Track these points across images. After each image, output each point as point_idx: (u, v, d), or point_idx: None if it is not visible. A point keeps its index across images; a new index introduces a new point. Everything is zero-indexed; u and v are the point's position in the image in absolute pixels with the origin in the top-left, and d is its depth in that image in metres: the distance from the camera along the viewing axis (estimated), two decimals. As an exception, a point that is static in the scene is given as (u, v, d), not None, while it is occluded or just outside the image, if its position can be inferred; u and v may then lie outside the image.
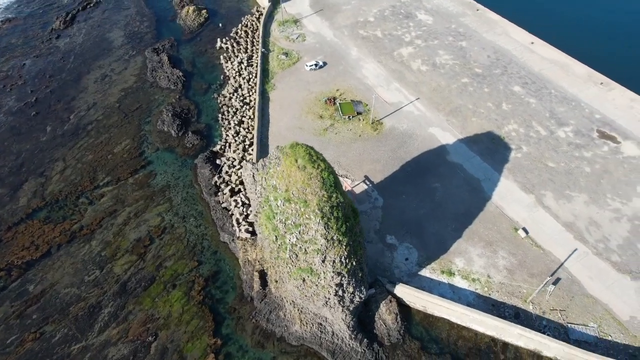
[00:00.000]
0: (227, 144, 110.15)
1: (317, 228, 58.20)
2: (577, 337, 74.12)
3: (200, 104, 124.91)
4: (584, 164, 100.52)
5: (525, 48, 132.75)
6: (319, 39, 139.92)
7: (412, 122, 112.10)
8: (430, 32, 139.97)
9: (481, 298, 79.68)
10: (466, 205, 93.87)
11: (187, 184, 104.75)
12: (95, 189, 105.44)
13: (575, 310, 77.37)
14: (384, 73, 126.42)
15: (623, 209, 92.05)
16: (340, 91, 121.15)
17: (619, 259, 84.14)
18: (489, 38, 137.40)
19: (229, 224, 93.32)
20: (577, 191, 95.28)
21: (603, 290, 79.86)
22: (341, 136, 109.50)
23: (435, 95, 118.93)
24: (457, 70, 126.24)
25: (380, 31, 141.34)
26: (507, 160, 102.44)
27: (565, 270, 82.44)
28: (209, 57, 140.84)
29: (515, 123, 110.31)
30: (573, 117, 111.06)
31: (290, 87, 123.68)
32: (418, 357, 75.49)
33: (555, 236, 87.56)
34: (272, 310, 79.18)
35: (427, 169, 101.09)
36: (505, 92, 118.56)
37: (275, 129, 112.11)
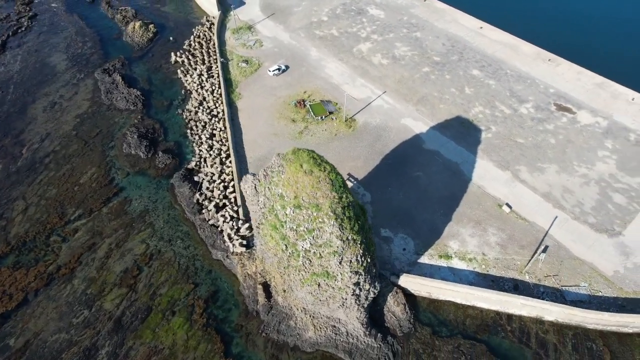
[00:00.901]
0: (202, 160, 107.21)
1: (331, 230, 58.29)
2: (573, 297, 79.19)
3: (165, 121, 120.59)
4: (549, 136, 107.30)
5: (475, 33, 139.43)
6: (276, 43, 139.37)
7: (383, 116, 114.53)
8: (384, 26, 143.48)
9: (480, 276, 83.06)
10: (450, 189, 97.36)
11: (166, 205, 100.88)
12: (67, 224, 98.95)
13: (566, 274, 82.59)
14: (347, 70, 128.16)
15: (589, 173, 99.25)
16: (307, 93, 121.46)
17: (595, 220, 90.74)
18: (440, 26, 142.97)
19: (220, 240, 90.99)
20: (547, 162, 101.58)
21: (586, 251, 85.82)
22: (317, 137, 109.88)
23: (400, 87, 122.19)
24: (417, 60, 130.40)
25: (335, 30, 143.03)
26: (479, 141, 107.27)
27: (551, 238, 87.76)
28: (165, 72, 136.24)
29: (480, 105, 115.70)
30: (531, 94, 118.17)
31: (257, 94, 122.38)
32: (432, 343, 77.49)
33: (536, 207, 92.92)
34: (281, 320, 78.20)
35: (406, 159, 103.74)
36: (466, 77, 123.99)
37: (250, 138, 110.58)
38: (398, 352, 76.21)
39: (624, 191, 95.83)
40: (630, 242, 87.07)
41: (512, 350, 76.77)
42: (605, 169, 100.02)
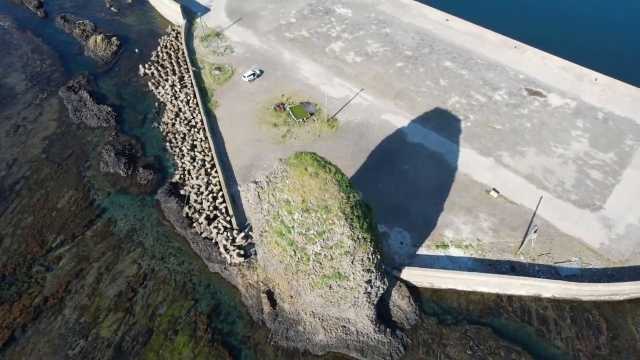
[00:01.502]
0: (186, 172, 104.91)
1: (342, 231, 58.49)
2: (567, 273, 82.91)
3: (141, 136, 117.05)
4: (524, 120, 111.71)
5: (442, 25, 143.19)
6: (247, 48, 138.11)
7: (364, 113, 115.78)
8: (353, 24, 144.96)
9: (478, 261, 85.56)
10: (438, 179, 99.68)
11: (154, 222, 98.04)
12: (49, 252, 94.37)
13: (557, 251, 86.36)
14: (323, 71, 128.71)
15: (566, 153, 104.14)
16: (285, 96, 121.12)
17: (577, 197, 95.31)
18: (408, 21, 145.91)
19: (216, 252, 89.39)
20: (526, 146, 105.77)
21: (573, 227, 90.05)
22: (301, 140, 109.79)
23: (377, 83, 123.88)
24: (390, 56, 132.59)
25: (305, 31, 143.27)
26: (460, 130, 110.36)
27: (539, 218, 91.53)
28: (135, 86, 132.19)
29: (456, 95, 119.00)
30: (502, 81, 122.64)
31: (234, 101, 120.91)
32: (439, 332, 79.15)
33: (522, 189, 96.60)
34: (289, 327, 77.75)
35: (392, 154, 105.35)
36: (439, 69, 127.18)
37: (233, 146, 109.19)
38: (408, 345, 77.40)
39: (599, 167, 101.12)
40: (611, 215, 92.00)
41: (516, 329, 79.57)
42: (580, 147, 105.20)
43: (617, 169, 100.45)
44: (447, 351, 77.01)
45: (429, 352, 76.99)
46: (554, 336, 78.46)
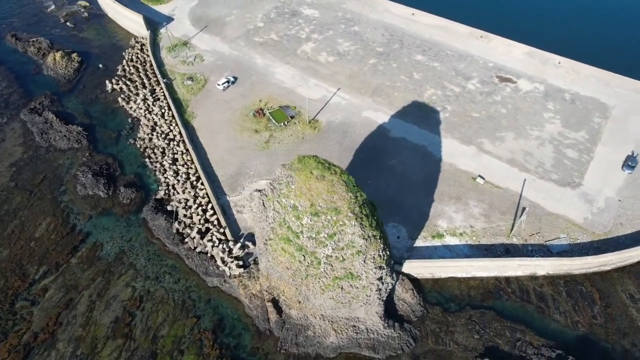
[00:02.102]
0: (170, 187, 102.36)
1: (353, 231, 58.83)
2: (558, 249, 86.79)
3: (117, 154, 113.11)
4: (499, 107, 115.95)
5: (409, 20, 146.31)
6: (217, 55, 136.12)
7: (344, 112, 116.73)
8: (322, 25, 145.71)
9: (474, 247, 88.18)
10: (424, 171, 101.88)
11: (143, 242, 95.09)
12: (32, 285, 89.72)
13: (546, 229, 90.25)
14: (297, 73, 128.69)
15: (542, 135, 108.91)
16: (263, 101, 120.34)
17: (557, 176, 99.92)
18: (375, 18, 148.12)
19: (213, 266, 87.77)
20: (504, 131, 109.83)
21: (557, 205, 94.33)
22: (285, 144, 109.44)
23: (353, 82, 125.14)
24: (362, 53, 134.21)
25: (274, 34, 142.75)
26: (439, 121, 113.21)
27: (526, 199, 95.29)
28: (104, 102, 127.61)
29: (432, 87, 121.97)
30: (474, 70, 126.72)
31: (211, 110, 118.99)
32: (445, 320, 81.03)
33: (505, 174, 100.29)
34: (298, 333, 77.46)
35: (377, 150, 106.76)
36: (411, 63, 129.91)
37: (216, 156, 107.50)
38: (417, 337, 78.79)
39: (573, 146, 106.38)
40: (590, 190, 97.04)
41: (517, 309, 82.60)
42: (554, 128, 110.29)
43: (589, 146, 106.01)
44: (455, 338, 78.96)
45: (438, 342, 78.68)
46: (553, 311, 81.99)
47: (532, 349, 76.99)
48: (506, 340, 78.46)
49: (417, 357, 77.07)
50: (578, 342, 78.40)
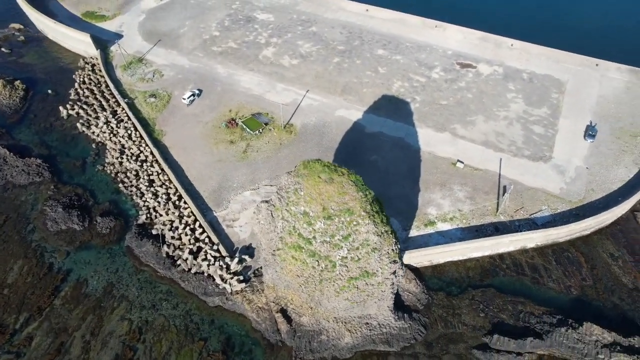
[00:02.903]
0: (151, 210, 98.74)
1: (367, 229, 59.53)
2: (542, 221, 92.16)
3: (86, 183, 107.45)
4: (465, 92, 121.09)
5: (364, 16, 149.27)
6: (177, 69, 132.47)
7: (317, 113, 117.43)
8: (279, 28, 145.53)
9: (465, 230, 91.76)
10: (406, 162, 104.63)
11: (131, 271, 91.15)
12: (14, 336, 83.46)
13: (529, 204, 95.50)
14: (263, 79, 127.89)
15: (509, 114, 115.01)
16: (233, 111, 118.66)
17: (530, 152, 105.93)
18: (330, 17, 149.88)
19: (212, 285, 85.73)
20: (474, 115, 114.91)
21: (534, 179, 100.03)
22: (264, 151, 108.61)
23: (321, 82, 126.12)
24: (324, 53, 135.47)
25: (233, 42, 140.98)
26: (411, 112, 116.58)
27: (505, 178, 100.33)
28: (60, 130, 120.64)
29: (398, 80, 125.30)
30: (435, 60, 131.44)
31: (180, 126, 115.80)
32: (450, 304, 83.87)
33: (482, 155, 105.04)
34: (311, 339, 77.40)
35: (356, 147, 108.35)
36: (375, 58, 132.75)
37: (195, 172, 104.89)
38: (427, 324, 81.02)
39: (538, 122, 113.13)
40: (561, 162, 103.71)
41: (514, 283, 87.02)
42: (518, 107, 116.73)
43: (552, 120, 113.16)
44: (463, 319, 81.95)
45: (447, 325, 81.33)
46: (547, 280, 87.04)
47: (535, 318, 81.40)
48: (509, 314, 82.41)
49: (430, 344, 79.28)
50: (573, 304, 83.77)
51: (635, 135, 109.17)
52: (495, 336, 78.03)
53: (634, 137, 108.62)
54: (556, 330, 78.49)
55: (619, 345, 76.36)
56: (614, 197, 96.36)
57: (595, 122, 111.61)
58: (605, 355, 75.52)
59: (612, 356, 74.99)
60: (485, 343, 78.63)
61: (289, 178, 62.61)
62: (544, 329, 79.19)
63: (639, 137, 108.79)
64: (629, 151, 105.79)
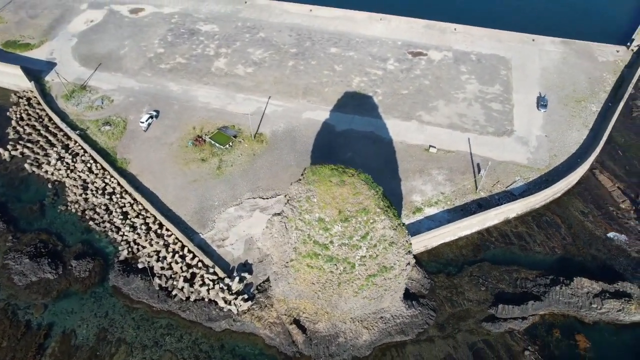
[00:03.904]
0: (132, 243, 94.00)
1: (383, 225, 60.74)
2: (518, 191, 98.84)
3: (50, 227, 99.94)
4: (422, 79, 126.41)
5: (309, 16, 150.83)
6: (126, 92, 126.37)
7: (284, 119, 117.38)
8: (226, 38, 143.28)
9: (452, 211, 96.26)
10: (382, 155, 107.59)
11: (123, 311, 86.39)
12: (4, 406, 76.67)
13: (503, 177, 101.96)
14: (221, 91, 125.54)
15: (467, 96, 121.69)
16: (197, 128, 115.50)
17: (493, 129, 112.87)
18: (276, 21, 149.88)
19: (216, 310, 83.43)
20: (435, 100, 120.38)
21: (503, 153, 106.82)
22: (239, 164, 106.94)
23: (281, 87, 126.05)
24: (278, 58, 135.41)
25: (180, 57, 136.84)
26: (376, 105, 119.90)
27: (477, 156, 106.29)
28: (5, 174, 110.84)
29: (356, 76, 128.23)
30: (387, 52, 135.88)
31: (144, 151, 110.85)
32: (452, 284, 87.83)
33: (451, 138, 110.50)
34: (329, 344, 77.88)
35: (330, 147, 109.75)
36: (329, 57, 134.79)
37: (170, 197, 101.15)
38: (435, 307, 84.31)
39: (494, 99, 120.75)
40: (523, 134, 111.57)
41: (505, 253, 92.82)
42: (473, 88, 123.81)
43: (506, 96, 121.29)
44: (467, 296, 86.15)
45: (453, 305, 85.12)
46: (533, 245, 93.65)
47: (530, 282, 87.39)
48: (507, 282, 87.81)
49: (441, 326, 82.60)
50: (560, 263, 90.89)
51: (579, 100, 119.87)
52: (500, 306, 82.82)
53: (578, 103, 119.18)
54: (551, 289, 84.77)
55: (607, 292, 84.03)
56: (574, 159, 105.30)
57: (544, 93, 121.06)
58: (597, 304, 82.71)
59: (603, 304, 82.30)
60: (492, 314, 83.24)
61: (298, 187, 62.49)
62: (541, 291, 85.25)
63: (582, 102, 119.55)
64: (577, 115, 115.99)
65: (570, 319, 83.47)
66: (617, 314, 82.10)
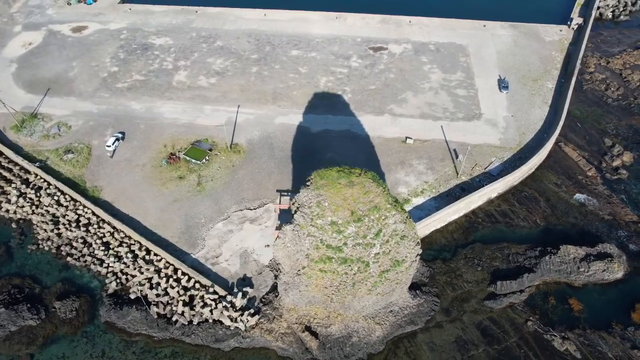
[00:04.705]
0: (120, 274, 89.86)
1: (394, 219, 61.74)
2: (495, 171, 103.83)
3: (22, 269, 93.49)
4: (387, 73, 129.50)
5: (264, 21, 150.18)
6: (84, 116, 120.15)
7: (258, 126, 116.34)
8: (182, 50, 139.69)
9: (437, 198, 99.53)
10: (361, 151, 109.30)
11: (122, 346, 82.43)
12: None
13: (480, 159, 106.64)
14: (187, 105, 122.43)
15: (432, 85, 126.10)
16: (168, 145, 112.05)
17: (463, 114, 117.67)
18: (232, 28, 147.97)
19: (222, 329, 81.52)
20: (403, 92, 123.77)
21: (476, 137, 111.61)
22: (219, 178, 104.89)
23: (248, 95, 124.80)
24: (240, 65, 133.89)
25: (137, 74, 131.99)
26: (347, 104, 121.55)
27: (453, 142, 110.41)
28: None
29: (323, 76, 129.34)
30: (348, 49, 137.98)
31: (116, 176, 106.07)
32: (449, 268, 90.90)
33: (425, 127, 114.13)
34: (343, 345, 78.41)
35: (310, 149, 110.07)
36: (292, 59, 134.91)
37: (153, 220, 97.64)
38: (438, 293, 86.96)
39: (458, 85, 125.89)
40: (489, 116, 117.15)
41: (493, 232, 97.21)
42: (437, 77, 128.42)
43: (469, 81, 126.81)
44: (465, 278, 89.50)
45: (454, 288, 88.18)
46: (517, 220, 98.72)
47: (521, 256, 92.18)
48: (500, 260, 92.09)
49: (447, 310, 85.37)
50: (545, 234, 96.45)
51: (536, 79, 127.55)
52: (499, 283, 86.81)
53: (535, 82, 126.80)
54: (541, 260, 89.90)
55: (591, 256, 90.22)
56: (540, 135, 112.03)
57: (503, 75, 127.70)
58: (584, 267, 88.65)
59: (590, 266, 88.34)
60: (492, 292, 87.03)
61: (308, 193, 62.22)
62: (532, 263, 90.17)
63: (538, 80, 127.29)
64: (537, 93, 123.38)
65: (562, 285, 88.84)
66: (602, 274, 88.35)
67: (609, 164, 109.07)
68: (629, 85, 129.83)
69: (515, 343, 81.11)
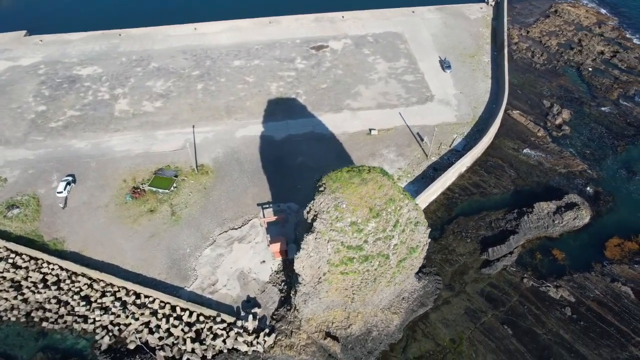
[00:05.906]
0: (112, 327, 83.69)
1: (408, 208, 63.71)
2: (460, 147, 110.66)
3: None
4: (334, 70, 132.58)
5: (196, 35, 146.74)
6: (20, 165, 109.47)
7: (219, 143, 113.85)
8: (116, 77, 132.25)
9: (415, 181, 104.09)
10: (331, 151, 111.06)
11: (133, 402, 77.10)
12: None
13: (443, 137, 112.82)
14: (137, 134, 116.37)
15: (379, 75, 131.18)
16: (128, 180, 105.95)
17: (416, 99, 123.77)
18: (163, 47, 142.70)
19: (240, 357, 79.18)
20: (355, 87, 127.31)
21: (435, 117, 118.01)
22: (193, 203, 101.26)
23: (200, 113, 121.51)
24: (184, 84, 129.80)
25: (70, 110, 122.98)
26: (304, 106, 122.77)
27: (413, 126, 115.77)
28: None
29: (272, 82, 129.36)
30: (290, 52, 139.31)
31: (77, 223, 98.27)
32: (441, 246, 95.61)
33: (384, 116, 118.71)
34: (364, 342, 79.76)
35: (278, 158, 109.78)
36: (236, 70, 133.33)
37: (133, 261, 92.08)
38: (438, 272, 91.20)
39: (405, 72, 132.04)
40: (440, 96, 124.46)
41: (471, 203, 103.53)
42: (383, 67, 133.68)
43: (414, 66, 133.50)
44: (458, 252, 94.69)
45: (451, 263, 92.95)
46: (490, 189, 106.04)
47: (501, 220, 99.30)
48: (485, 228, 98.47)
49: (450, 285, 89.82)
50: (517, 196, 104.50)
51: (472, 55, 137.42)
52: (490, 249, 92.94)
53: (472, 57, 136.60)
54: (521, 220, 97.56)
55: (562, 207, 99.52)
56: (490, 106, 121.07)
57: (443, 56, 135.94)
58: (558, 219, 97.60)
59: (563, 217, 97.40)
60: (485, 259, 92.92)
61: (324, 198, 62.13)
62: (513, 225, 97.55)
63: (475, 56, 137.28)
64: (477, 68, 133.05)
65: (542, 240, 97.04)
66: (574, 222, 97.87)
67: (553, 122, 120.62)
68: (549, 50, 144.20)
69: (517, 301, 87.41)
